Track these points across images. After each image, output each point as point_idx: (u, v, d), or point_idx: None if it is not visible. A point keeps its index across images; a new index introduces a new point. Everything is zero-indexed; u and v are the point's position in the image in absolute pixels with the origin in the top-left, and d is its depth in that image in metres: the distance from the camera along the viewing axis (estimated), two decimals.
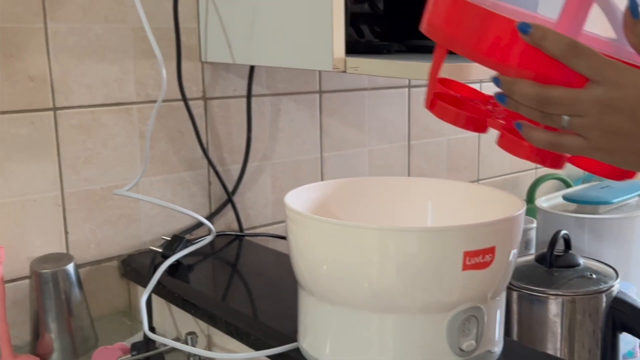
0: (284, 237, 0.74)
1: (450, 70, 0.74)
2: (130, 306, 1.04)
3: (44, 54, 0.91)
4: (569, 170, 1.70)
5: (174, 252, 0.96)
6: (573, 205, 1.14)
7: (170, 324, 0.95)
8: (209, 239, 0.94)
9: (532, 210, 1.33)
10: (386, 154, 1.33)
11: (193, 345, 0.84)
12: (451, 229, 0.61)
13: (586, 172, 1.71)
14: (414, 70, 0.80)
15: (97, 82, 0.96)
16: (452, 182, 0.78)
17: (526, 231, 1.28)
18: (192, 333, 0.84)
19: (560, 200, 1.16)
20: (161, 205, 0.89)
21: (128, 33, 0.98)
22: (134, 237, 1.04)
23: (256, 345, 0.77)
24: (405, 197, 0.78)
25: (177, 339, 0.86)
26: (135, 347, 0.83)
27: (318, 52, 0.84)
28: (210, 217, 1.11)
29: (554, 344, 0.83)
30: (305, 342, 0.68)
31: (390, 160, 1.34)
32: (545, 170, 1.61)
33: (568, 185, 1.54)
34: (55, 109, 0.93)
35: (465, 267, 0.61)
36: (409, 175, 1.38)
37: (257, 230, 1.17)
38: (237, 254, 1.09)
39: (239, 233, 1.13)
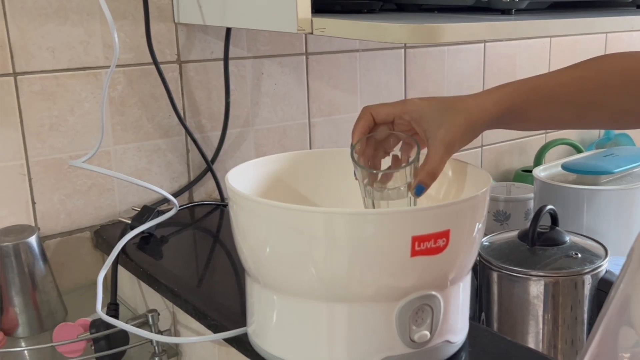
0: None
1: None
2: (106, 278, 1.01)
3: (0, 16, 0.87)
4: (582, 134, 1.61)
5: (142, 224, 0.92)
6: (573, 175, 1.06)
7: (140, 298, 0.92)
8: (172, 212, 0.90)
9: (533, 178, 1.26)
10: None
11: (154, 323, 0.80)
12: (397, 213, 0.55)
13: (600, 136, 1.62)
14: (384, 31, 0.73)
15: (60, 46, 0.91)
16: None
17: (525, 201, 1.22)
18: (153, 311, 0.81)
19: (560, 169, 1.09)
20: (118, 178, 0.85)
21: None
22: (108, 207, 1.00)
23: (213, 327, 0.73)
24: None
25: (143, 316, 0.83)
26: (95, 325, 0.80)
27: (283, 12, 0.78)
28: (189, 186, 1.07)
29: (536, 328, 0.78)
30: (251, 328, 0.64)
31: None
32: (554, 135, 1.53)
33: (579, 152, 1.46)
34: (15, 74, 0.89)
35: (415, 252, 0.55)
36: None
37: None
38: (216, 225, 1.05)
39: (219, 202, 1.09)
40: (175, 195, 1.05)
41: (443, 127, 0.62)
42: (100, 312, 0.73)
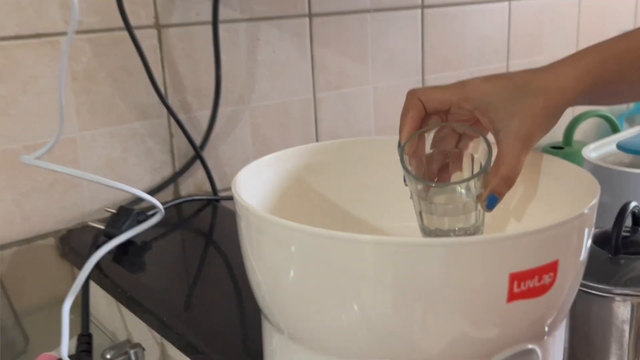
0: None
1: None
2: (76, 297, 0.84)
3: None
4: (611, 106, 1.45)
5: (119, 230, 0.74)
6: (629, 157, 0.90)
7: (119, 320, 0.74)
8: (156, 218, 0.72)
9: (572, 156, 1.10)
10: (395, 91, 1.09)
11: None
12: (489, 242, 0.38)
13: (630, 108, 1.46)
14: None
15: (5, 6, 0.72)
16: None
17: None
18: (136, 346, 0.63)
19: (613, 148, 0.93)
20: (80, 178, 0.66)
21: None
22: (75, 208, 0.82)
23: None
24: None
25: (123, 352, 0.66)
26: None
27: None
28: (174, 178, 0.89)
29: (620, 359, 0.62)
30: None
31: (401, 100, 1.10)
32: (584, 108, 1.37)
33: (612, 125, 1.30)
34: None
35: (513, 296, 0.39)
36: None
37: None
38: (209, 225, 0.87)
39: (211, 197, 0.91)
40: (158, 189, 0.87)
41: (517, 117, 0.46)
42: (66, 357, 0.55)
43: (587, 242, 0.44)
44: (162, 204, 0.85)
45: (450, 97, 0.49)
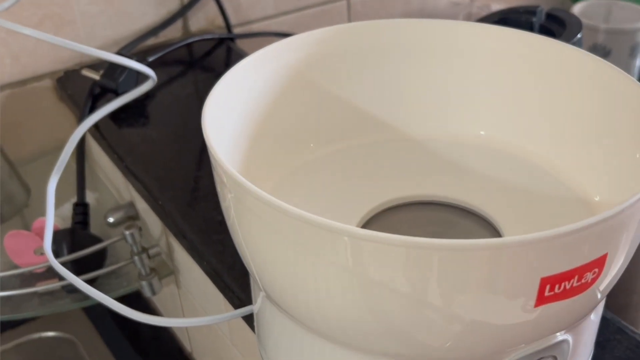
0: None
1: None
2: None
3: None
4: None
5: (115, 83, 0.67)
6: None
7: (123, 182, 0.69)
8: (148, 85, 0.63)
9: None
10: None
11: (134, 241, 0.60)
12: (517, 244, 0.30)
13: None
14: None
15: None
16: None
17: (634, 33, 0.91)
18: (132, 226, 0.59)
19: None
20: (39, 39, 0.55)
21: None
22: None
23: (210, 274, 0.53)
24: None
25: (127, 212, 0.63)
26: (56, 239, 0.59)
27: None
28: (182, 12, 0.78)
29: None
30: (265, 352, 0.43)
31: None
32: None
33: None
34: None
35: (542, 300, 0.32)
36: None
37: (254, 27, 0.84)
38: (224, 70, 0.78)
39: (224, 35, 0.80)
40: (164, 25, 0.77)
41: None
42: (50, 253, 0.51)
43: None
44: (169, 44, 0.76)
45: None
